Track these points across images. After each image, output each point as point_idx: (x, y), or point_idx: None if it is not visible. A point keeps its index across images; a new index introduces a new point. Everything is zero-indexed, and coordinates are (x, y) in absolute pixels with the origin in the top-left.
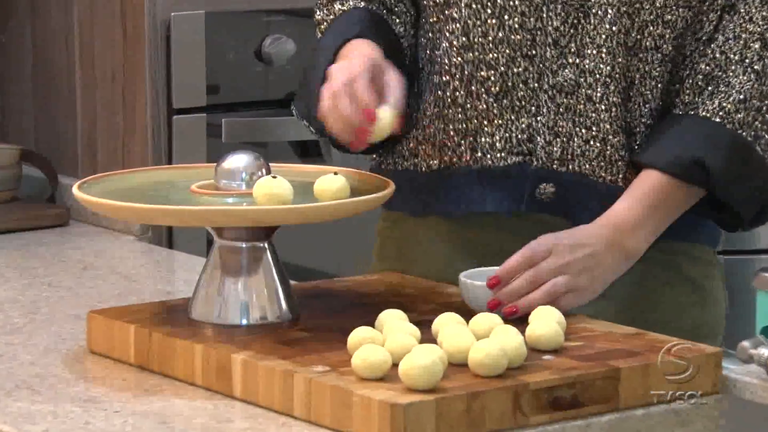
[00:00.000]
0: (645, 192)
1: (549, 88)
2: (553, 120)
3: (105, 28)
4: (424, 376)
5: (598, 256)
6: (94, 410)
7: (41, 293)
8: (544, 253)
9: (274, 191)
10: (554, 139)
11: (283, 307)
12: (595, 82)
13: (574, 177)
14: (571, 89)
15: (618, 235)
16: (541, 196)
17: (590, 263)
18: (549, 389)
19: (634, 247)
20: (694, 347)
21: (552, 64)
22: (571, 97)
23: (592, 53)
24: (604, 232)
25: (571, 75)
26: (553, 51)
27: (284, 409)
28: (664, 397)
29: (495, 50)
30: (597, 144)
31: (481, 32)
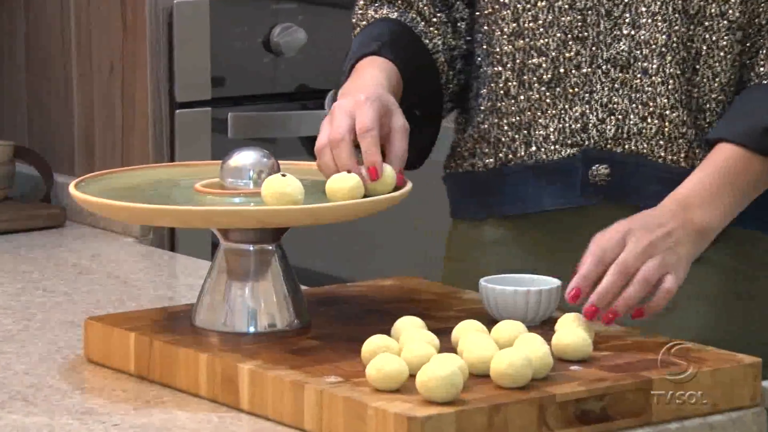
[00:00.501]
0: (715, 167)
1: (603, 63)
2: (607, 96)
3: (103, 16)
4: (443, 388)
5: (675, 233)
6: (91, 423)
7: (35, 299)
8: (618, 244)
9: (284, 190)
10: (608, 116)
11: (293, 313)
12: (650, 54)
13: (630, 157)
14: (625, 63)
15: (687, 212)
16: (595, 179)
17: (670, 241)
18: (576, 402)
19: (706, 223)
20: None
21: (606, 37)
22: (626, 72)
23: (647, 22)
24: (673, 208)
25: (625, 47)
26: (606, 23)
27: (294, 422)
28: (664, 398)
29: (546, 35)
30: (654, 121)
31: (531, 16)
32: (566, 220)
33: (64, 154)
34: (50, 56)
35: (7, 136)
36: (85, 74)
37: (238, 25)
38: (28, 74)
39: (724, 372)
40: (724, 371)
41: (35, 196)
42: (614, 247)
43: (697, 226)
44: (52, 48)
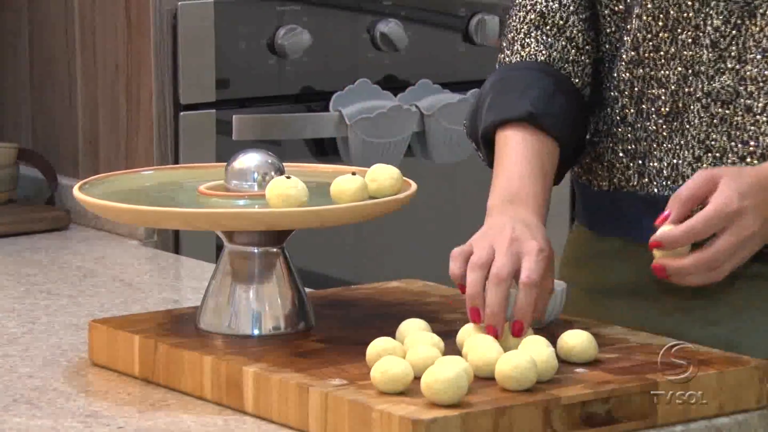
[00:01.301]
0: None
1: (703, 96)
2: (705, 132)
3: (107, 17)
4: (448, 390)
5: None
6: (96, 426)
7: (39, 302)
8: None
9: (289, 193)
10: (704, 154)
11: (298, 316)
12: (757, 91)
13: None
14: (728, 98)
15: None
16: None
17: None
18: (582, 404)
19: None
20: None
21: (708, 69)
22: (727, 107)
23: (756, 58)
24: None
25: (730, 81)
26: (710, 54)
27: (299, 425)
28: (664, 398)
29: (666, 66)
30: (755, 161)
31: (653, 46)
32: None
33: (68, 156)
34: (54, 58)
35: (11, 138)
36: (89, 76)
37: (242, 26)
38: (32, 76)
39: (730, 374)
40: (730, 373)
41: (39, 199)
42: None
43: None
44: (55, 49)
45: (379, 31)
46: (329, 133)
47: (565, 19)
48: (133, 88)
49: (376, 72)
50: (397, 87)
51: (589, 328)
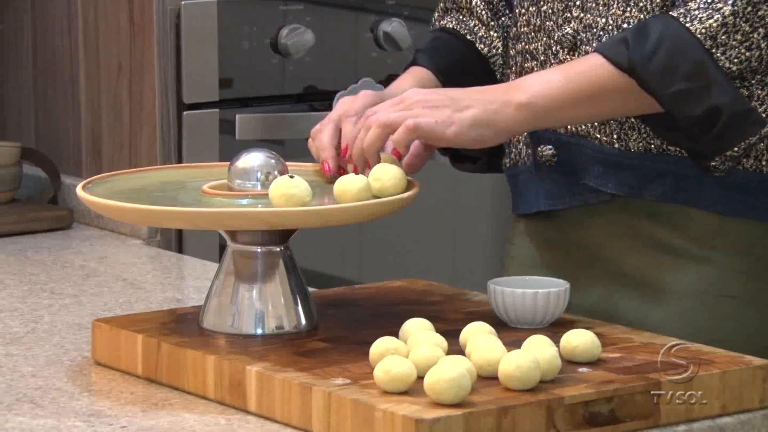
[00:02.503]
0: (566, 64)
1: (553, 44)
2: None
3: (110, 16)
4: (451, 390)
5: (465, 98)
6: (99, 425)
7: (42, 301)
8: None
9: (292, 192)
10: None
11: (301, 316)
12: (592, 37)
13: (573, 138)
14: (570, 45)
15: (508, 88)
16: (542, 159)
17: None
18: (585, 404)
19: (519, 96)
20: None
21: (558, 18)
22: (573, 54)
23: (593, 6)
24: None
25: (571, 30)
26: (558, 4)
27: (302, 424)
28: (664, 398)
29: (535, 39)
30: None
31: (525, 21)
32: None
33: (71, 156)
34: (57, 57)
35: (14, 138)
36: (93, 75)
37: (245, 26)
38: (35, 75)
39: (733, 374)
40: (732, 373)
41: (42, 198)
42: (387, 106)
43: (511, 99)
44: (59, 49)
45: (382, 31)
46: None
47: (471, 2)
48: (136, 87)
49: (379, 71)
50: None
51: (593, 327)
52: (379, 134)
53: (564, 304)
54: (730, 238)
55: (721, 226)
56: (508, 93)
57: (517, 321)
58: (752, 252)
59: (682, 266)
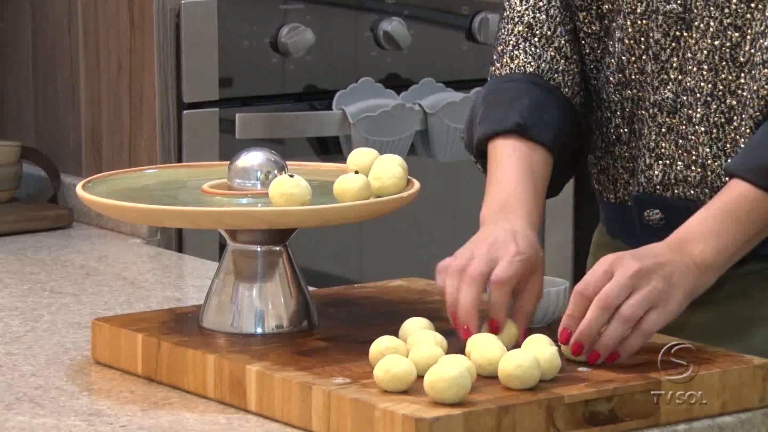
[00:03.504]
0: (722, 203)
1: (650, 107)
2: (654, 141)
3: (110, 15)
4: (451, 389)
5: (670, 264)
6: (99, 424)
7: (42, 300)
8: (604, 276)
9: (292, 191)
10: (655, 162)
11: (301, 315)
12: (695, 102)
13: (680, 202)
14: (671, 108)
15: (686, 246)
16: (649, 222)
17: (663, 272)
18: (585, 403)
19: (707, 258)
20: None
21: (653, 80)
22: (672, 117)
23: (693, 70)
24: (672, 242)
25: (671, 94)
26: (653, 65)
27: (302, 423)
28: (664, 397)
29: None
30: (698, 169)
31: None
32: None
33: (71, 155)
34: (57, 56)
35: (14, 137)
36: (93, 74)
37: (245, 25)
38: (35, 75)
39: (733, 373)
40: (732, 372)
41: (42, 197)
42: (599, 279)
43: (696, 260)
44: (59, 48)
45: (382, 30)
46: (332, 131)
47: (553, 30)
48: (136, 86)
49: (380, 70)
50: (400, 85)
51: None
52: (620, 330)
53: (564, 304)
54: None
55: None
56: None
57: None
58: None
59: None
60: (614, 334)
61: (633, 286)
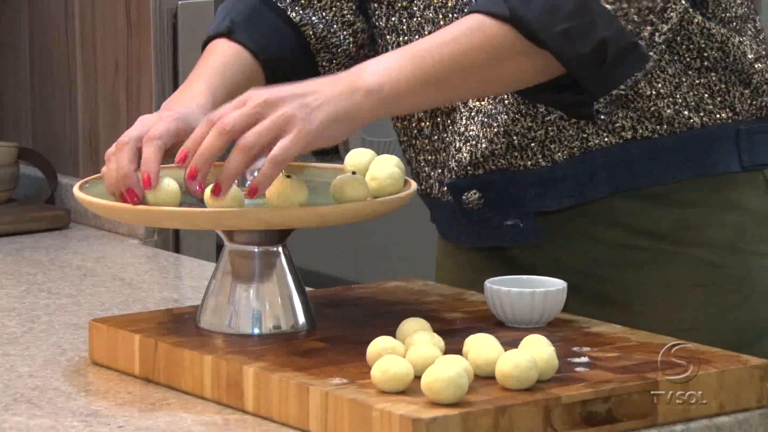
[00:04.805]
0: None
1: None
2: (464, 126)
3: (107, 16)
4: (448, 389)
5: (311, 90)
6: (96, 425)
7: (40, 301)
8: (235, 106)
9: (289, 192)
10: (463, 145)
11: (299, 315)
12: None
13: (493, 176)
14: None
15: (351, 74)
16: (469, 205)
17: (300, 97)
18: (582, 403)
19: (367, 80)
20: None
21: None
22: (481, 99)
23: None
24: (339, 75)
25: None
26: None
27: (299, 424)
28: (664, 398)
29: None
30: (501, 139)
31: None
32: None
33: (68, 156)
34: (54, 57)
35: (11, 138)
36: (90, 75)
37: None
38: (32, 75)
39: (730, 373)
40: (730, 372)
41: (39, 198)
42: (230, 108)
43: (360, 84)
44: (56, 49)
45: None
46: None
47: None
48: (133, 87)
49: None
50: None
51: (590, 327)
52: (241, 161)
53: (561, 304)
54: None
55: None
56: (353, 80)
57: (514, 320)
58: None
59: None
60: (233, 164)
61: (258, 114)
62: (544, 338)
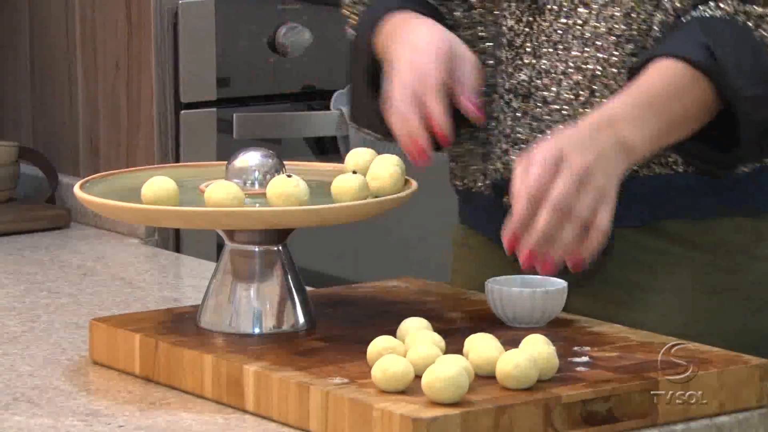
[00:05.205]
0: (645, 82)
1: (504, 93)
2: (510, 127)
3: (108, 15)
4: (448, 389)
5: (606, 152)
6: (96, 424)
7: (40, 300)
8: (551, 174)
9: (289, 191)
10: (511, 147)
11: (299, 315)
12: (550, 83)
13: None
14: (526, 92)
15: (613, 127)
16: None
17: (604, 162)
18: (582, 403)
19: (634, 139)
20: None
21: (507, 67)
22: (527, 102)
23: (548, 51)
24: (600, 123)
25: (525, 77)
26: (507, 52)
27: (299, 423)
28: (664, 398)
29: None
30: None
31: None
32: None
33: (69, 155)
34: (55, 56)
35: (11, 137)
36: (90, 74)
37: (243, 25)
38: (33, 74)
39: (731, 373)
40: (730, 372)
41: (40, 197)
42: (544, 177)
43: (625, 142)
44: (56, 48)
45: None
46: (330, 131)
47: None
48: (133, 86)
49: None
50: None
51: (591, 326)
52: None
53: (562, 303)
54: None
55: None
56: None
57: (514, 320)
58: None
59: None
60: (573, 236)
61: (584, 182)
62: (545, 338)
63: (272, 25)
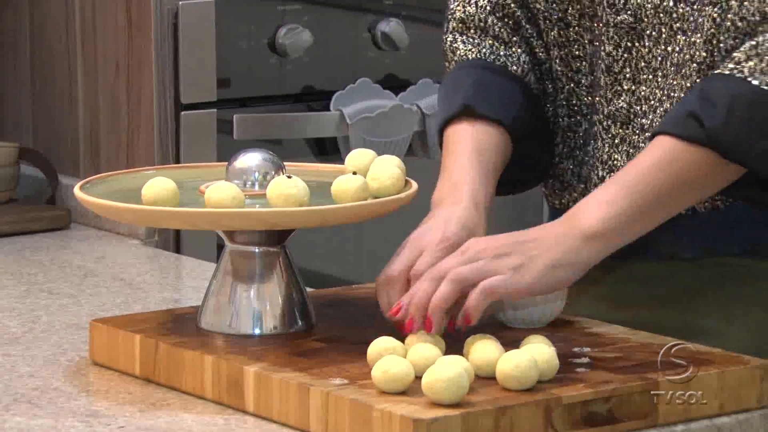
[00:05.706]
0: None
1: (603, 119)
2: (607, 154)
3: (108, 16)
4: (449, 390)
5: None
6: (97, 425)
7: (40, 301)
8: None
9: (290, 192)
10: (608, 174)
11: (299, 316)
12: (648, 110)
13: None
14: (625, 119)
15: (570, 217)
16: None
17: (520, 245)
18: (583, 404)
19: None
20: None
21: (606, 92)
22: (626, 128)
23: (648, 78)
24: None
25: (624, 104)
26: (606, 78)
27: (300, 424)
28: (664, 398)
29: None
30: None
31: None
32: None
33: (69, 156)
34: (55, 57)
35: (12, 138)
36: (90, 75)
37: (243, 26)
38: (33, 75)
39: (731, 374)
40: (731, 373)
41: (40, 198)
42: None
43: (583, 229)
44: (56, 49)
45: (380, 31)
46: (330, 132)
47: (484, 20)
48: (133, 87)
49: (377, 71)
50: (398, 86)
51: (591, 327)
52: (452, 290)
53: (562, 304)
54: None
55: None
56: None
57: (515, 321)
58: None
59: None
60: (443, 293)
61: (475, 260)
62: (545, 338)
63: (272, 25)
